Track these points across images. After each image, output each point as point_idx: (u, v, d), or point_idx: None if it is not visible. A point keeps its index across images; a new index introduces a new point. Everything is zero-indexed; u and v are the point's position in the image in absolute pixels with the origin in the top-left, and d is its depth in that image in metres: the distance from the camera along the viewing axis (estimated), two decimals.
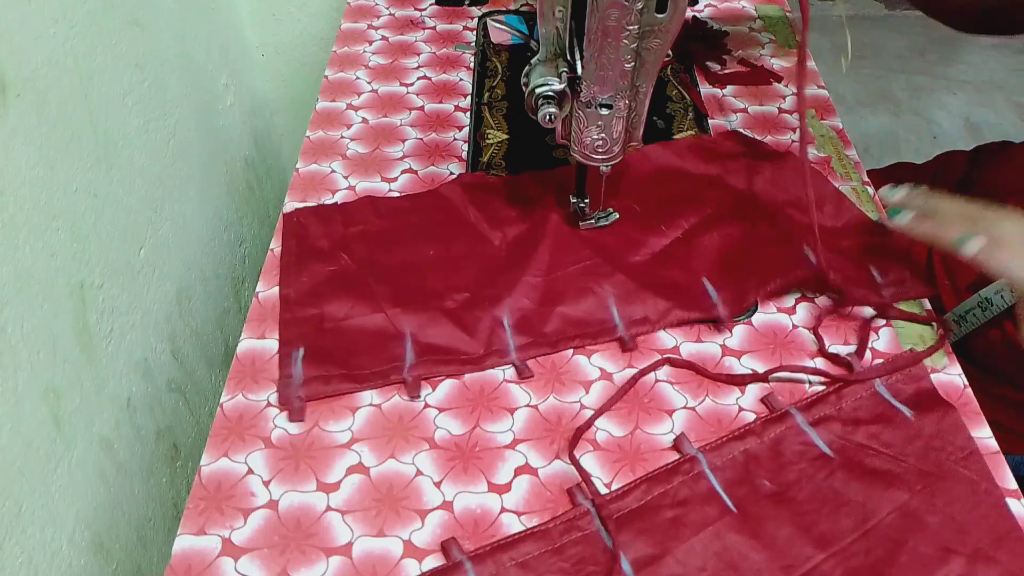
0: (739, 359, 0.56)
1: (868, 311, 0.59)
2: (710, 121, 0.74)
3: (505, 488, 0.49)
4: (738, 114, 0.76)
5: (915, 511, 0.48)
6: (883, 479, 0.49)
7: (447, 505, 0.49)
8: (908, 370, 0.54)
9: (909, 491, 0.48)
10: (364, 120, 0.75)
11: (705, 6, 0.89)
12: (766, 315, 0.59)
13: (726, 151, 0.70)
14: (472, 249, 0.62)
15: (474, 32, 0.85)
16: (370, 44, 0.84)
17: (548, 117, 0.54)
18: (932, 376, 0.55)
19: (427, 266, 0.61)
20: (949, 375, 0.55)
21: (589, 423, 0.52)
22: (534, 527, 0.47)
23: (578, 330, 0.57)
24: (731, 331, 0.58)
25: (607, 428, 0.52)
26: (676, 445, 0.51)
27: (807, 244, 0.60)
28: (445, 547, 0.46)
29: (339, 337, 0.56)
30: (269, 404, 0.53)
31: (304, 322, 0.57)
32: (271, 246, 0.64)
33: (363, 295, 0.58)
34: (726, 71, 0.81)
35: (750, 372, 0.55)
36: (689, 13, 0.86)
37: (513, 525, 0.47)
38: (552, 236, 0.62)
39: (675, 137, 0.72)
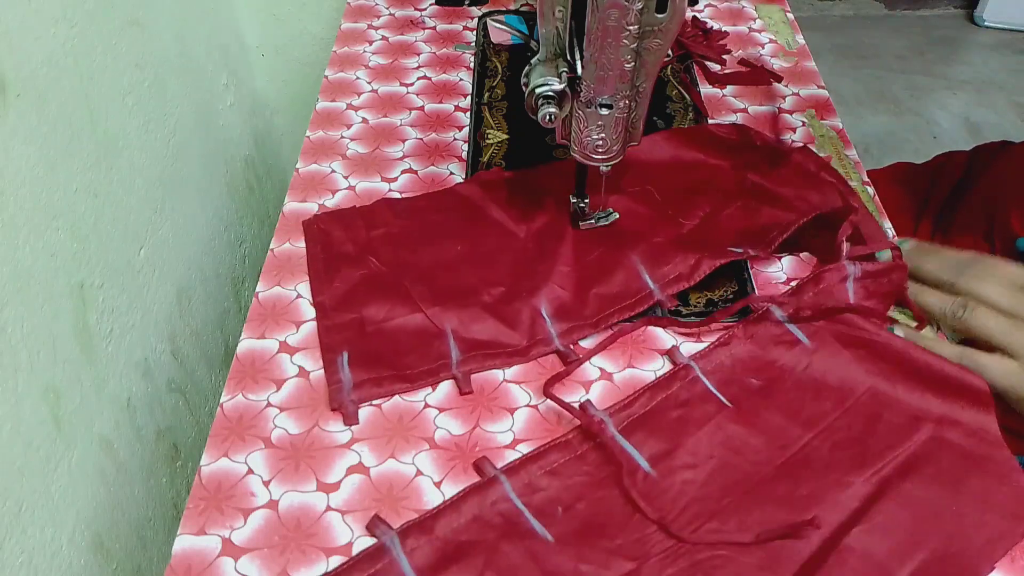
0: None
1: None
2: (710, 121, 0.74)
3: None
4: (738, 114, 0.76)
5: (888, 388, 0.53)
6: (855, 361, 0.54)
7: None
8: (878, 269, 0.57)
9: (878, 368, 0.54)
10: (364, 120, 0.75)
11: (705, 6, 0.89)
12: None
13: (735, 143, 0.70)
14: (499, 243, 0.63)
15: (474, 32, 0.85)
16: (370, 44, 0.84)
17: (548, 117, 0.55)
18: None
19: (457, 263, 0.61)
20: None
21: (570, 370, 0.55)
22: (556, 438, 0.51)
23: (617, 304, 0.58)
24: (769, 259, 0.61)
25: None
26: (670, 354, 0.55)
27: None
28: (478, 465, 0.49)
29: (382, 339, 0.56)
30: (269, 404, 0.53)
31: (344, 327, 0.57)
32: (271, 246, 0.64)
33: (399, 296, 0.58)
34: (726, 71, 0.81)
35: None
36: (689, 13, 0.86)
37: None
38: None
39: None
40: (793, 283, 0.61)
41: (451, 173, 0.69)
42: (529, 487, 0.48)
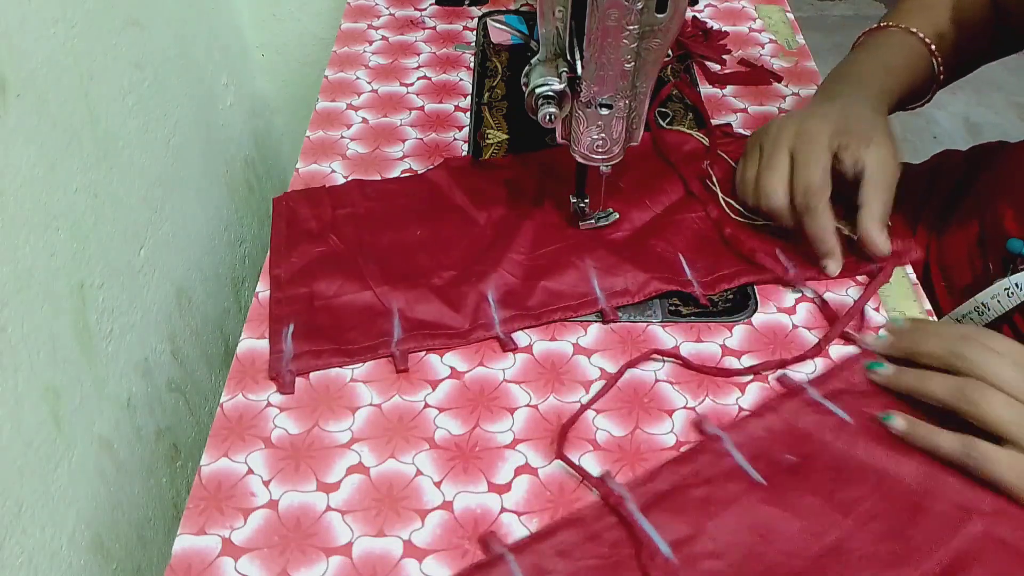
0: (739, 359, 0.56)
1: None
2: (714, 123, 0.74)
3: (505, 488, 0.49)
4: (738, 114, 0.76)
5: (933, 473, 0.48)
6: (900, 443, 0.50)
7: (447, 505, 0.49)
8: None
9: (924, 454, 0.49)
10: (364, 120, 0.75)
11: (705, 6, 0.89)
12: (766, 315, 0.59)
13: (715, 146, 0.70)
14: (459, 229, 0.64)
15: (474, 32, 0.85)
16: (370, 44, 0.84)
17: (548, 117, 0.55)
18: None
19: (415, 246, 0.62)
20: None
21: (574, 419, 0.52)
22: (568, 515, 0.47)
23: (561, 302, 0.58)
24: (707, 304, 0.59)
25: (607, 428, 0.52)
26: (697, 426, 0.52)
27: (778, 247, 0.62)
28: (483, 540, 0.47)
29: (329, 314, 0.57)
30: (269, 404, 0.53)
31: (294, 300, 0.58)
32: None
33: (352, 274, 0.59)
34: (726, 71, 0.81)
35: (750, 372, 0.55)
36: (689, 13, 0.86)
37: (513, 525, 0.47)
38: (536, 214, 0.64)
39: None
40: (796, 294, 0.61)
41: None
42: (537, 568, 0.45)
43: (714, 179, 0.66)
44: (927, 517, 0.47)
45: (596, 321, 0.58)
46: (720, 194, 0.65)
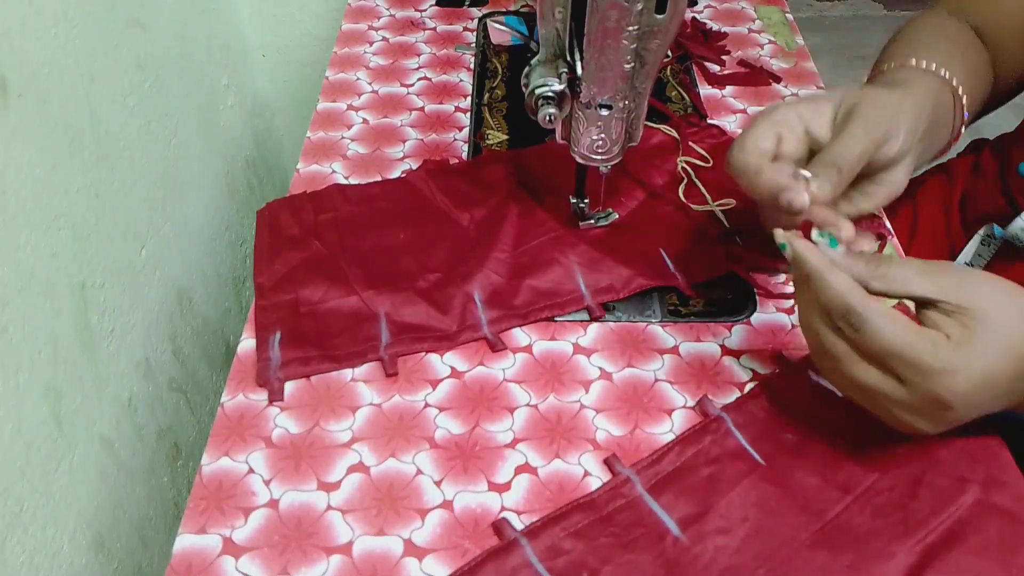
0: (738, 359, 0.56)
1: None
2: (709, 121, 0.74)
3: (505, 487, 0.49)
4: (737, 115, 0.76)
5: (929, 447, 0.50)
6: None
7: (447, 504, 0.49)
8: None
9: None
10: (364, 121, 0.75)
11: (704, 7, 0.89)
12: (765, 315, 0.59)
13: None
14: (442, 231, 0.64)
15: (474, 33, 0.86)
16: (370, 45, 0.84)
17: (548, 118, 0.55)
18: None
19: (399, 249, 0.62)
20: None
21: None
22: (580, 498, 0.48)
23: (547, 300, 0.59)
24: (695, 298, 0.59)
25: (607, 427, 0.52)
26: (700, 407, 0.53)
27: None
28: (497, 527, 0.47)
29: (315, 320, 0.57)
30: (270, 404, 0.54)
31: (280, 307, 0.58)
32: None
33: (337, 279, 0.60)
34: (725, 72, 0.81)
35: (749, 372, 0.55)
36: (688, 14, 0.86)
37: (513, 524, 0.48)
38: (517, 212, 0.64)
39: None
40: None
41: None
42: (552, 550, 0.46)
43: (691, 171, 0.66)
44: (924, 489, 0.48)
45: (583, 320, 0.58)
46: (700, 185, 0.65)
